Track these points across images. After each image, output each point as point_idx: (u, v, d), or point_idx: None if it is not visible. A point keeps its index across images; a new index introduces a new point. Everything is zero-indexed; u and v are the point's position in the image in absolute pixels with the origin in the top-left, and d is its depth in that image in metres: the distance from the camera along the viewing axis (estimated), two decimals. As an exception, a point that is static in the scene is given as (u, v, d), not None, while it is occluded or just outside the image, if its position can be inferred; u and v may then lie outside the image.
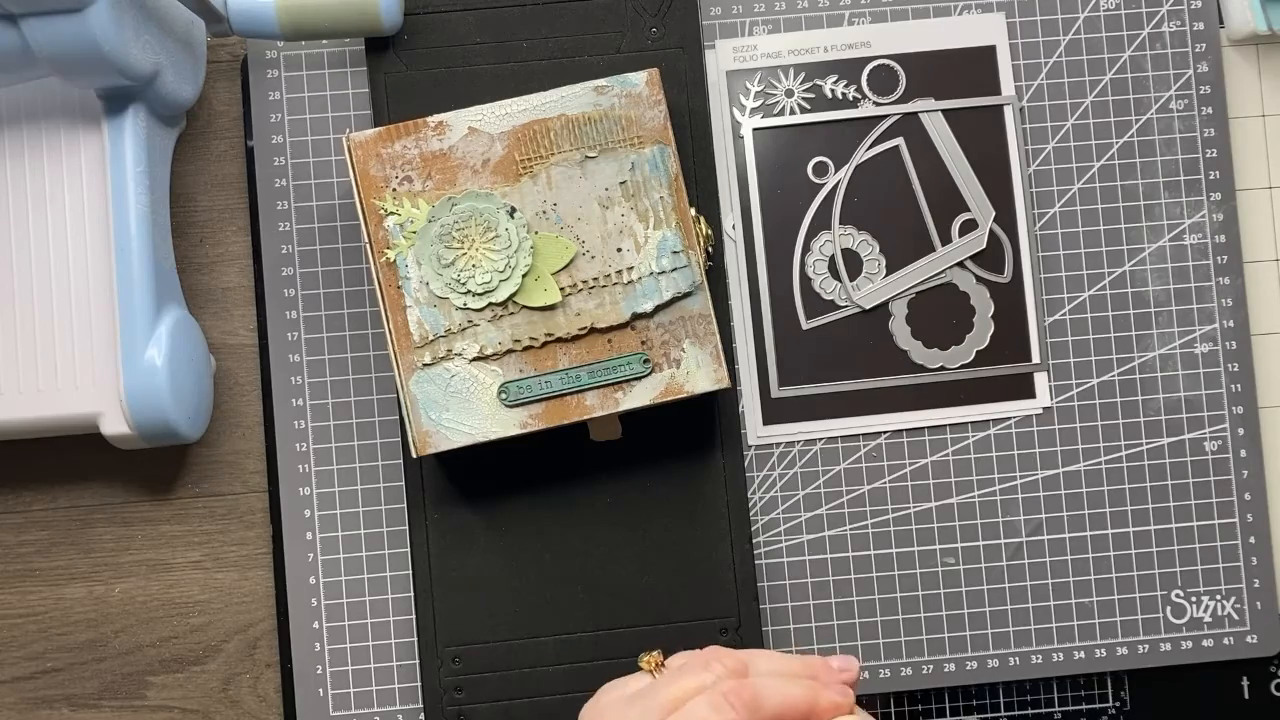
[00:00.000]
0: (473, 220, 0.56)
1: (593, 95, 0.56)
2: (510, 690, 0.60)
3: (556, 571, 0.60)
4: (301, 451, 0.62)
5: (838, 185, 0.63)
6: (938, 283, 0.63)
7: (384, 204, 0.56)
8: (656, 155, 0.56)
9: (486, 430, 0.56)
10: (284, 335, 0.62)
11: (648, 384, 0.56)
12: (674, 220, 0.56)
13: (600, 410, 0.56)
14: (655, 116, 0.56)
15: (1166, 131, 0.63)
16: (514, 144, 0.56)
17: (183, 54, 0.59)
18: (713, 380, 0.56)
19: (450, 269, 0.55)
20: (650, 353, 0.56)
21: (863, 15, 0.63)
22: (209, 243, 0.63)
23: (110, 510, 0.63)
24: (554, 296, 0.56)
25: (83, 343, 0.57)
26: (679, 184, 0.56)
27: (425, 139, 0.56)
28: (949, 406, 0.62)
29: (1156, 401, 0.63)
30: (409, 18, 0.61)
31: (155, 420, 0.57)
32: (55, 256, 0.58)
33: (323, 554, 0.61)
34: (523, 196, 0.56)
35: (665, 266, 0.56)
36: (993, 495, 0.62)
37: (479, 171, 0.56)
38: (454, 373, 0.56)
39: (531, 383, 0.56)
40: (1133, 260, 0.63)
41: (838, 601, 0.61)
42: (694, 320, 0.56)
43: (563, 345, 0.56)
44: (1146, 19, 0.63)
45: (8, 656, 0.62)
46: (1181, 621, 0.62)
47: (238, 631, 0.62)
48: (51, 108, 0.58)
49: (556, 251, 0.56)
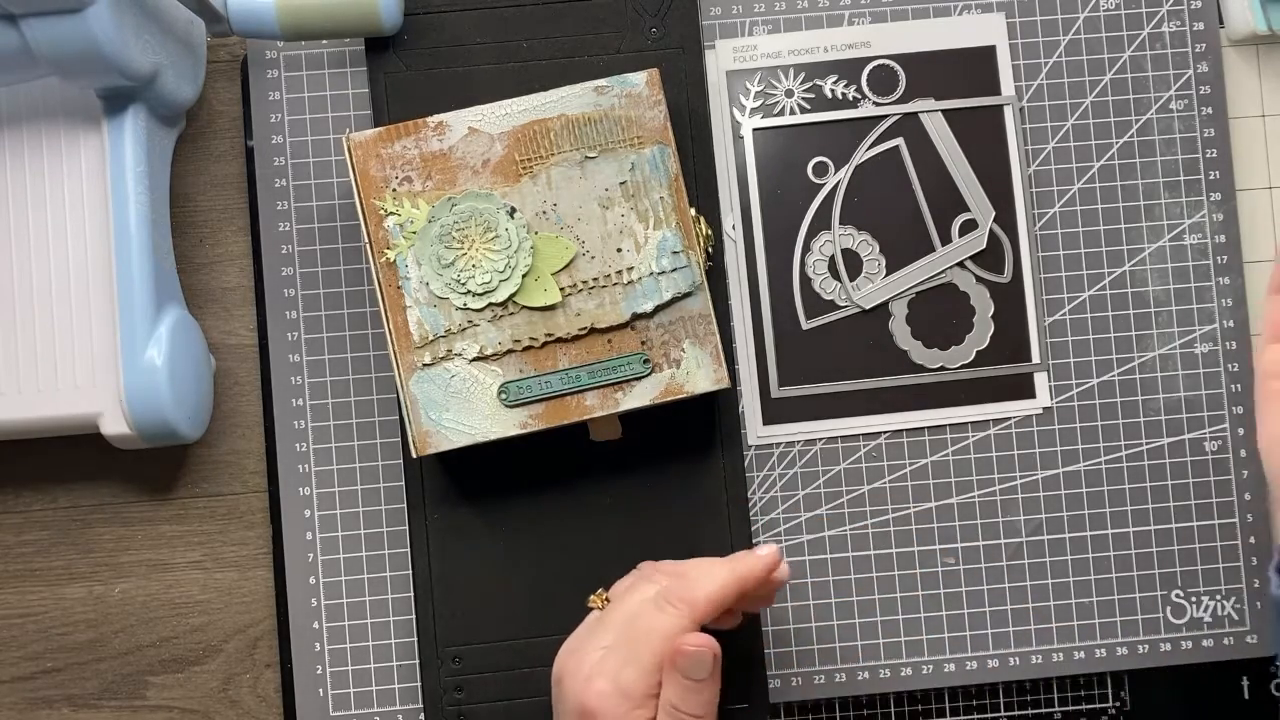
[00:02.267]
0: (473, 220, 0.56)
1: (593, 95, 0.56)
2: (510, 690, 0.60)
3: (556, 571, 0.60)
4: (301, 451, 0.62)
5: (838, 185, 0.63)
6: (938, 283, 0.63)
7: (384, 204, 0.56)
8: (656, 155, 0.56)
9: (486, 430, 0.56)
10: (284, 335, 0.62)
11: (648, 384, 0.56)
12: (674, 220, 0.56)
13: (600, 410, 0.56)
14: (655, 116, 0.56)
15: (1166, 131, 0.63)
16: (514, 144, 0.56)
17: (183, 54, 0.59)
18: (713, 380, 0.56)
19: (450, 269, 0.55)
20: (650, 353, 0.56)
21: (863, 15, 0.63)
22: (209, 243, 0.63)
23: (110, 510, 0.63)
24: (554, 297, 0.56)
25: (83, 343, 0.57)
26: (679, 184, 0.56)
27: (425, 139, 0.56)
28: (949, 406, 0.62)
29: (1156, 401, 0.63)
30: (409, 18, 0.61)
31: (155, 420, 0.57)
32: (55, 256, 0.58)
33: (323, 554, 0.61)
34: (523, 197, 0.56)
35: (665, 267, 0.56)
36: (993, 495, 0.62)
37: (479, 171, 0.56)
38: (454, 373, 0.56)
39: (531, 383, 0.56)
40: (1133, 260, 0.63)
41: (838, 601, 0.61)
42: (694, 320, 0.56)
43: (563, 345, 0.56)
44: (1146, 19, 0.63)
45: (8, 656, 0.62)
46: (1181, 621, 0.62)
47: (238, 631, 0.62)
48: (51, 108, 0.58)
49: (556, 252, 0.56)
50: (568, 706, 0.51)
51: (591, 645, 0.51)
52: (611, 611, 0.52)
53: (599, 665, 0.50)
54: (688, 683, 0.50)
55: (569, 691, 0.51)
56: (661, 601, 0.51)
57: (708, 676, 0.50)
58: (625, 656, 0.50)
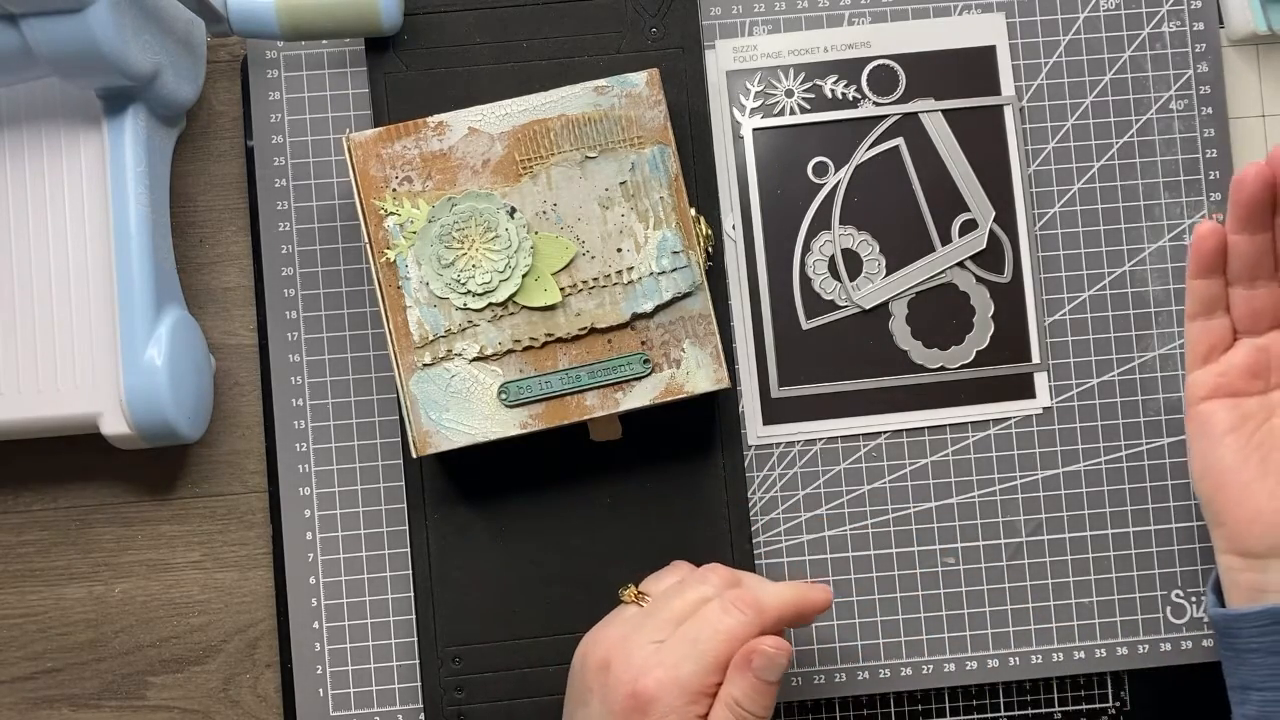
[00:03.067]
0: (473, 220, 0.56)
1: (593, 95, 0.56)
2: (510, 690, 0.60)
3: (556, 571, 0.60)
4: (301, 451, 0.62)
5: (838, 185, 0.63)
6: (938, 283, 0.63)
7: (384, 204, 0.56)
8: (656, 155, 0.56)
9: (487, 430, 0.56)
10: (284, 335, 0.62)
11: (648, 384, 0.56)
12: (674, 220, 0.56)
13: (600, 410, 0.56)
14: (655, 117, 0.56)
15: (1166, 131, 0.63)
16: (514, 144, 0.56)
17: (183, 54, 0.59)
18: (713, 380, 0.56)
19: (450, 269, 0.55)
20: (650, 353, 0.56)
21: (863, 15, 0.63)
22: (209, 243, 0.63)
23: (110, 510, 0.63)
24: (554, 297, 0.56)
25: (83, 343, 0.57)
26: (679, 184, 0.56)
27: (425, 139, 0.56)
28: (949, 406, 0.62)
29: (1156, 401, 0.63)
30: (409, 18, 0.61)
31: (155, 420, 0.57)
32: (55, 256, 0.58)
33: (323, 554, 0.61)
34: (523, 196, 0.56)
35: (665, 267, 0.56)
36: (993, 495, 0.62)
37: (479, 171, 0.56)
38: (454, 373, 0.56)
39: (531, 383, 0.56)
40: (1133, 260, 0.63)
41: (838, 601, 0.61)
42: (694, 320, 0.56)
43: (563, 345, 0.56)
44: (1146, 19, 0.63)
45: (8, 656, 0.62)
46: (1181, 621, 0.62)
47: (238, 631, 0.62)
48: (51, 108, 0.58)
49: (556, 252, 0.56)
50: (618, 693, 0.51)
51: (641, 639, 0.52)
52: (661, 608, 0.53)
53: (655, 657, 0.51)
54: (759, 683, 0.51)
55: (619, 679, 0.51)
56: (728, 604, 0.52)
57: (778, 679, 0.51)
58: (685, 653, 0.51)
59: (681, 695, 0.50)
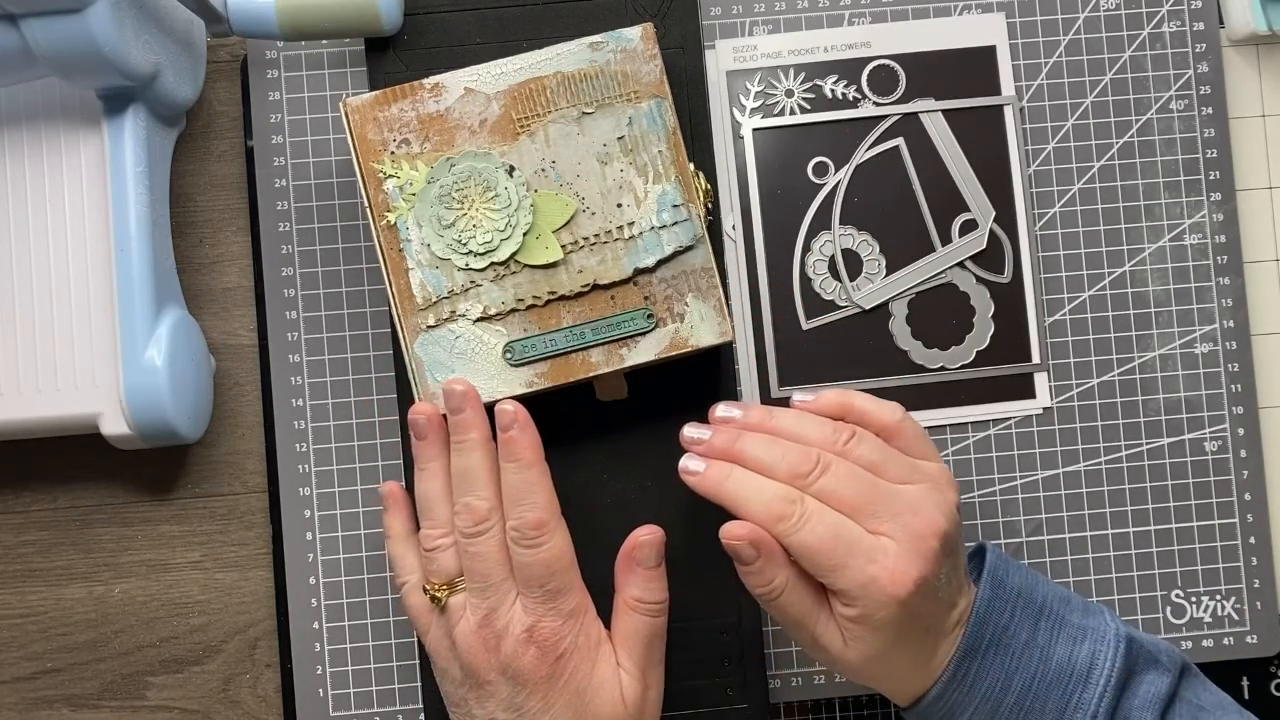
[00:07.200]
0: (472, 180, 0.55)
1: (588, 51, 0.56)
2: (510, 690, 0.60)
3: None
4: (301, 451, 0.62)
5: (838, 185, 0.63)
6: (938, 283, 0.63)
7: (383, 167, 0.56)
8: (653, 109, 0.56)
9: (493, 390, 0.56)
10: (284, 335, 0.62)
11: (652, 339, 0.56)
12: (673, 174, 0.56)
13: (606, 367, 0.56)
14: (651, 71, 0.56)
15: (1166, 131, 0.63)
16: (510, 103, 0.56)
17: (183, 54, 0.59)
18: (717, 333, 0.56)
19: (451, 230, 0.55)
20: (654, 308, 0.56)
21: (863, 15, 0.63)
22: (209, 243, 0.63)
23: (110, 510, 0.63)
24: (555, 254, 0.56)
25: (83, 343, 0.57)
26: (676, 138, 0.56)
27: (422, 101, 0.56)
28: (949, 406, 0.62)
29: (1156, 401, 0.63)
30: (409, 18, 0.61)
31: (155, 420, 0.57)
32: (55, 257, 0.58)
33: (323, 554, 0.61)
34: (521, 155, 0.56)
35: (666, 221, 0.56)
36: (993, 495, 0.62)
37: (476, 131, 0.56)
38: (458, 334, 0.56)
39: (536, 341, 0.56)
40: (1133, 260, 0.63)
41: (838, 601, 0.61)
42: (696, 274, 0.56)
43: (566, 303, 0.56)
44: (1146, 19, 0.63)
45: (8, 656, 0.62)
46: (1181, 622, 0.62)
47: (237, 632, 0.62)
48: (51, 108, 0.58)
49: (556, 209, 0.56)
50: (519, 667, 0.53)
51: None
52: None
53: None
54: (647, 572, 0.54)
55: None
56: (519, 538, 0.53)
57: (661, 559, 0.54)
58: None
59: (551, 649, 0.52)
